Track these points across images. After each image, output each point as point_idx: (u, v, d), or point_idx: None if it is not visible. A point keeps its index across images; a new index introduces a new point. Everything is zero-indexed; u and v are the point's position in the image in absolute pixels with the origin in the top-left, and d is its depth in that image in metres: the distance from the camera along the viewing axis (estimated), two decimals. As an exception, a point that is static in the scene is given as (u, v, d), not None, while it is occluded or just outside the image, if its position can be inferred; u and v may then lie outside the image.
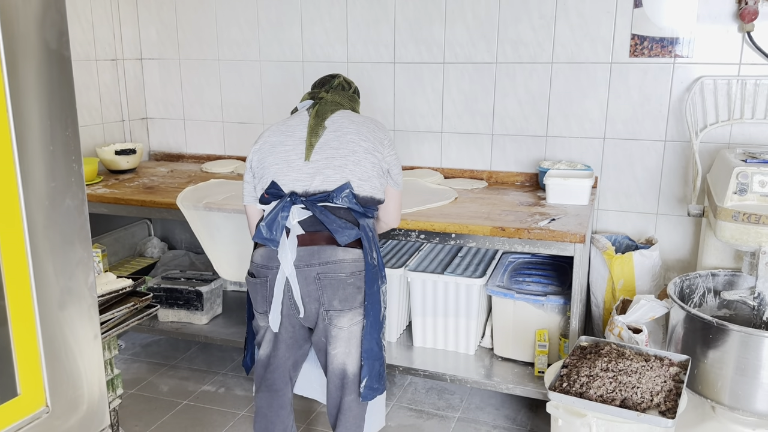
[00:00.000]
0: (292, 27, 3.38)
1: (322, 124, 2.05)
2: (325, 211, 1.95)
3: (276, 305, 2.00)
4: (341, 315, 1.98)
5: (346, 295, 1.97)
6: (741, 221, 2.20)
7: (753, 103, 2.73)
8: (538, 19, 2.95)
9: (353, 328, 2.01)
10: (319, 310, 1.98)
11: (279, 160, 2.03)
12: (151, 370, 3.21)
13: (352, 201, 1.98)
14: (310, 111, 2.11)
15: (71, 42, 3.40)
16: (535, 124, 3.07)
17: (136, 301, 1.91)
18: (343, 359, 2.03)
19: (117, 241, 3.62)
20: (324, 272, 1.94)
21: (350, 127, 2.06)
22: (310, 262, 1.94)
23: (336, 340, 2.01)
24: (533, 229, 2.41)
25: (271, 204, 2.01)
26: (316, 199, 1.96)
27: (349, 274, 1.96)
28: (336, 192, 1.96)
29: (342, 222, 1.95)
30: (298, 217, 1.96)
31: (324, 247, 1.95)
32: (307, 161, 2.01)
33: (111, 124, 3.63)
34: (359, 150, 2.03)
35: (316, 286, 1.95)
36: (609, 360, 2.07)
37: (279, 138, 2.07)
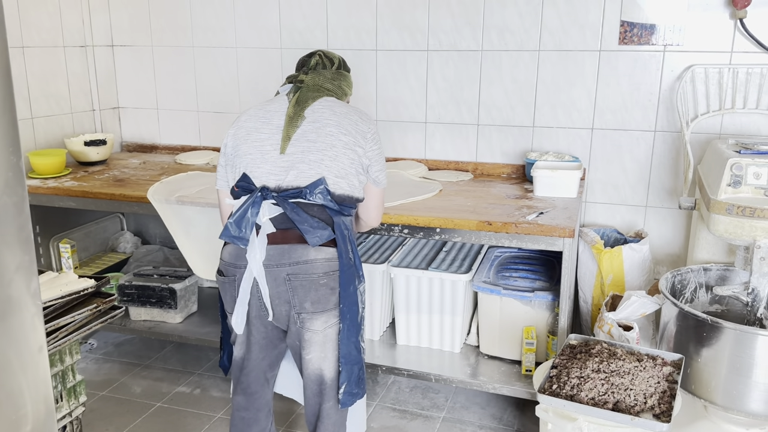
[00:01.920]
0: (269, 12, 3.25)
1: (302, 113, 1.90)
2: (297, 208, 1.82)
3: (241, 307, 1.87)
4: (314, 318, 1.85)
5: (318, 297, 1.84)
6: (735, 214, 2.12)
7: (745, 92, 2.65)
8: (524, 5, 2.85)
9: (328, 331, 1.88)
10: (290, 312, 1.86)
11: (253, 149, 1.89)
12: (124, 371, 3.09)
13: (327, 198, 1.84)
14: (290, 97, 1.96)
15: (37, 27, 3.24)
16: (521, 114, 2.97)
17: (100, 303, 1.78)
18: (319, 364, 1.91)
19: (87, 235, 3.48)
20: (294, 273, 1.81)
21: (331, 119, 1.90)
22: (280, 261, 1.82)
23: (310, 344, 1.88)
24: (521, 224, 2.32)
25: (241, 198, 1.88)
26: (288, 194, 1.83)
27: (322, 275, 1.83)
28: (309, 188, 1.82)
29: (314, 221, 1.82)
30: (269, 213, 1.82)
31: (295, 246, 1.83)
32: (282, 154, 1.87)
33: (80, 114, 3.47)
34: (338, 144, 1.87)
35: (286, 287, 1.83)
36: (600, 360, 1.98)
37: (255, 124, 1.93)
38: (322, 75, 2.03)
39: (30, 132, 3.18)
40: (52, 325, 1.67)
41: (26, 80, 3.13)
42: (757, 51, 2.61)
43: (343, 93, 2.07)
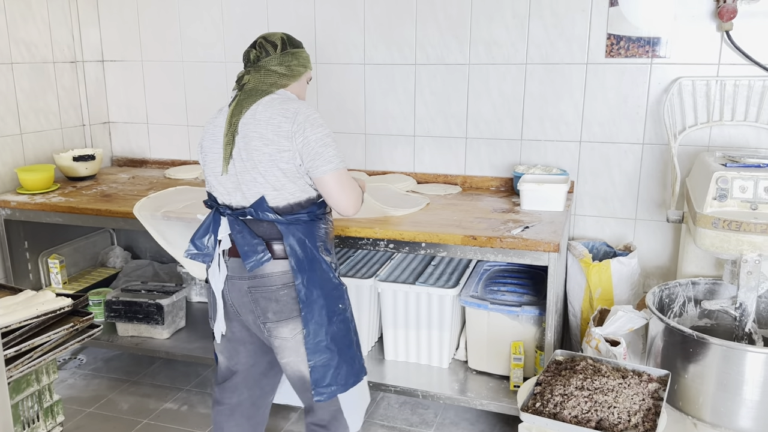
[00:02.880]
0: (257, 27, 3.25)
1: (236, 129, 1.84)
2: (244, 228, 1.85)
3: (220, 313, 1.95)
4: (279, 326, 1.90)
5: (280, 308, 1.88)
6: (721, 228, 2.11)
7: (732, 104, 2.64)
8: (511, 19, 2.84)
9: (298, 337, 1.90)
10: (256, 322, 1.92)
11: (209, 171, 1.94)
12: (112, 387, 3.06)
13: (274, 214, 1.84)
14: (230, 107, 1.89)
15: (26, 43, 3.24)
16: (509, 128, 2.97)
17: (77, 322, 1.77)
18: (297, 367, 1.95)
19: (77, 251, 3.46)
20: (255, 285, 1.88)
21: (255, 130, 1.82)
22: (241, 274, 1.89)
23: (282, 350, 1.93)
24: (506, 238, 2.30)
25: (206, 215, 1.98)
26: (238, 213, 1.87)
27: (281, 286, 1.87)
28: (254, 207, 1.85)
29: (255, 241, 1.84)
30: (228, 230, 1.88)
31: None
32: (224, 175, 1.88)
33: (70, 129, 3.47)
34: (263, 159, 1.82)
35: (249, 299, 1.89)
36: (584, 377, 1.96)
37: (208, 143, 1.94)
38: (265, 66, 1.92)
39: (19, 147, 3.18)
40: (27, 345, 1.66)
41: (15, 96, 3.13)
42: (744, 63, 2.60)
43: (297, 74, 1.97)
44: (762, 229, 2.04)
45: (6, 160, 3.11)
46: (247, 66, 1.96)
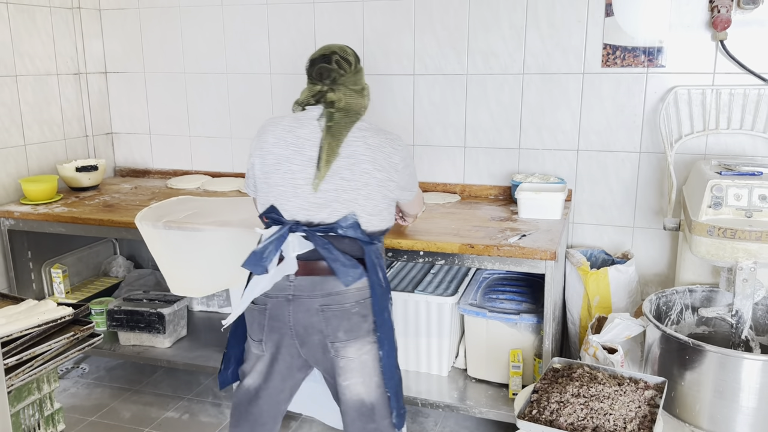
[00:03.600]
0: (258, 38, 3.29)
1: (337, 150, 1.81)
2: (329, 244, 1.80)
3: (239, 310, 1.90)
4: (347, 345, 1.87)
5: (351, 326, 1.85)
6: (716, 236, 2.12)
7: (728, 113, 2.66)
8: (508, 29, 2.88)
9: (363, 357, 1.89)
10: (323, 341, 1.87)
11: (284, 181, 1.84)
12: (114, 395, 3.08)
13: (358, 232, 1.84)
14: (322, 124, 1.86)
15: (30, 56, 3.29)
16: (507, 137, 2.99)
17: (77, 330, 1.79)
18: (357, 390, 1.90)
19: (80, 260, 3.49)
20: (327, 303, 1.82)
21: (365, 154, 1.84)
22: (312, 293, 1.83)
23: (346, 371, 1.89)
24: (503, 246, 2.32)
25: (271, 229, 1.85)
26: (318, 229, 1.82)
27: (353, 303, 1.85)
28: (340, 222, 1.81)
29: (345, 258, 1.81)
30: (299, 248, 1.81)
31: (326, 278, 1.83)
32: (315, 191, 1.82)
33: (74, 140, 3.51)
34: (372, 183, 1.84)
35: (319, 318, 1.84)
36: (581, 384, 1.97)
37: (285, 152, 1.85)
38: (346, 86, 1.92)
39: (23, 158, 3.22)
40: (28, 353, 1.68)
41: (19, 108, 3.17)
42: (739, 72, 2.62)
43: (366, 96, 2.00)
44: (757, 236, 2.06)
45: (10, 171, 3.15)
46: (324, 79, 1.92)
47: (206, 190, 3.28)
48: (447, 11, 2.94)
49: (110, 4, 3.52)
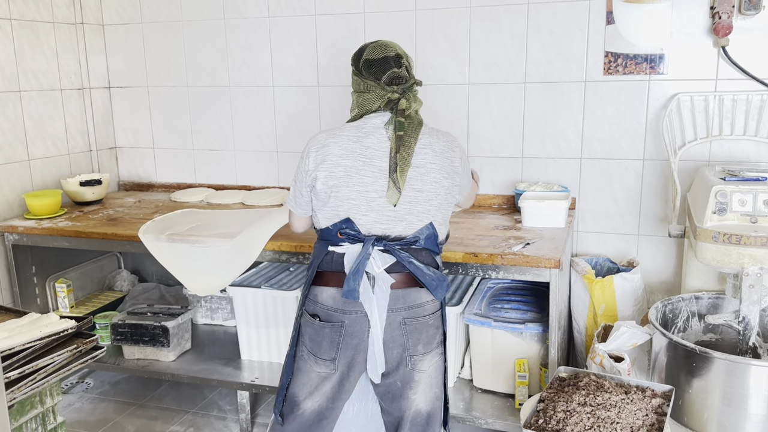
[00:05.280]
0: (261, 51, 3.31)
1: (410, 161, 1.75)
2: (411, 258, 1.77)
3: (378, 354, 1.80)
4: (423, 358, 1.85)
5: (428, 338, 1.84)
6: (721, 242, 2.11)
7: (732, 119, 2.65)
8: (509, 39, 2.88)
9: (431, 370, 1.88)
10: (402, 355, 1.83)
11: (356, 194, 1.76)
12: (119, 410, 3.07)
13: (435, 244, 1.84)
14: (389, 132, 1.78)
15: (34, 72, 3.31)
16: (510, 146, 2.99)
17: (80, 343, 1.79)
18: (421, 402, 1.88)
19: (84, 275, 3.49)
20: (410, 316, 1.80)
21: (433, 162, 1.80)
22: (395, 306, 1.79)
23: (418, 384, 1.86)
24: (507, 255, 2.31)
25: (346, 246, 1.79)
26: (397, 243, 1.78)
27: (429, 315, 1.84)
28: (420, 233, 1.80)
29: (430, 271, 1.78)
30: (382, 263, 1.76)
31: (408, 291, 1.79)
32: (392, 205, 1.77)
33: (78, 155, 3.53)
34: (441, 192, 1.82)
35: (401, 332, 1.80)
36: (587, 393, 1.95)
37: (354, 163, 1.76)
38: (412, 90, 1.86)
39: (27, 173, 3.23)
40: (31, 367, 1.68)
41: (23, 123, 3.19)
42: (742, 78, 2.61)
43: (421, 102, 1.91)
44: (762, 242, 2.05)
45: (14, 186, 3.16)
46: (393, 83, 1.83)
47: (210, 203, 3.28)
48: (448, 22, 2.95)
49: (113, 19, 3.55)
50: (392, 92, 1.81)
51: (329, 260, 1.81)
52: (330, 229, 1.80)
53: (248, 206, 3.17)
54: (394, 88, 1.82)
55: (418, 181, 1.78)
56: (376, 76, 1.84)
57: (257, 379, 2.84)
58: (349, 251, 1.78)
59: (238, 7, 3.30)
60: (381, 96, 1.82)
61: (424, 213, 1.80)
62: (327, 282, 1.82)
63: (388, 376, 1.85)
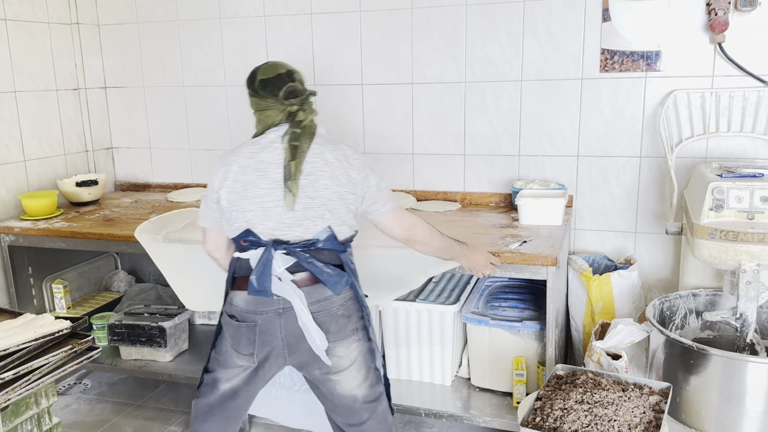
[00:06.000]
0: (257, 51, 3.30)
1: (300, 167, 1.87)
2: (311, 259, 1.89)
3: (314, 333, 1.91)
4: (337, 345, 1.95)
5: (338, 327, 1.95)
6: (718, 239, 2.10)
7: (728, 115, 2.65)
8: (505, 36, 2.88)
9: (352, 354, 1.98)
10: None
11: (254, 205, 1.88)
12: (117, 411, 3.06)
13: (335, 244, 1.93)
14: (284, 143, 1.89)
15: (30, 72, 3.30)
16: (507, 144, 2.98)
17: (75, 344, 1.78)
18: (349, 385, 1.99)
19: (81, 275, 3.49)
20: (318, 310, 1.92)
21: (324, 170, 1.90)
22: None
23: (337, 369, 1.97)
24: (503, 253, 2.30)
25: (249, 251, 1.91)
26: (298, 246, 1.89)
27: (339, 306, 1.95)
28: (319, 236, 1.90)
29: (329, 269, 1.91)
30: (284, 264, 1.88)
31: (315, 287, 1.92)
32: (289, 210, 1.87)
33: (74, 155, 3.52)
34: (334, 198, 1.91)
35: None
36: (584, 391, 1.95)
37: (251, 178, 1.88)
38: (310, 103, 1.96)
39: (23, 174, 3.22)
40: (26, 367, 1.67)
41: (19, 124, 3.18)
42: (738, 74, 2.61)
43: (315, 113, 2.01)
44: (759, 238, 2.04)
45: (10, 187, 3.15)
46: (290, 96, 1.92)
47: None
48: (444, 20, 2.95)
49: (109, 19, 3.54)
50: (290, 105, 1.92)
51: (240, 266, 1.94)
52: (236, 239, 1.93)
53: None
54: (292, 101, 1.92)
55: (310, 188, 1.88)
56: (273, 92, 1.92)
57: (255, 379, 2.83)
58: (252, 256, 1.90)
59: (233, 6, 3.29)
60: (281, 110, 1.93)
61: (319, 218, 1.89)
62: (240, 286, 1.94)
63: (307, 367, 1.99)
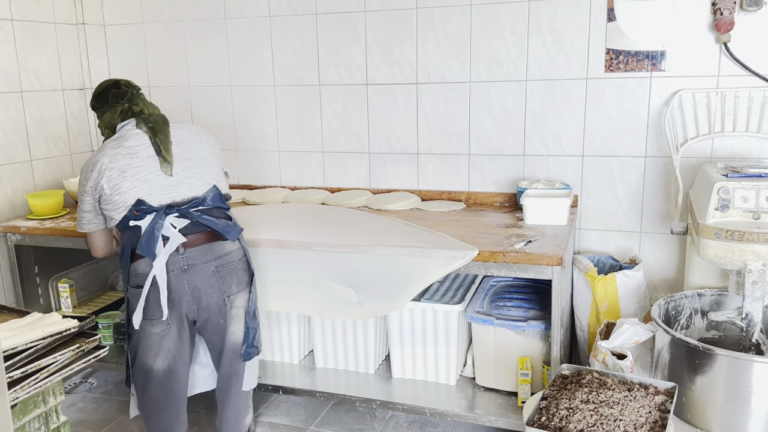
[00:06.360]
0: (262, 51, 3.31)
1: (168, 139, 2.20)
2: (203, 215, 2.17)
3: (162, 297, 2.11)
4: (238, 296, 2.24)
5: (239, 279, 2.24)
6: (724, 239, 2.10)
7: (734, 115, 2.64)
8: (510, 36, 2.88)
9: (244, 305, 2.27)
10: (221, 297, 2.21)
11: (136, 181, 2.12)
12: (122, 410, 3.07)
13: (221, 201, 2.23)
14: (143, 129, 2.20)
15: (36, 72, 3.32)
16: (511, 143, 2.98)
17: (82, 343, 1.79)
18: (241, 332, 2.28)
19: (87, 275, 3.50)
20: (221, 264, 2.19)
21: (191, 137, 2.26)
22: (206, 259, 2.17)
23: (234, 319, 2.25)
24: (508, 252, 2.31)
25: (145, 218, 2.12)
26: (189, 206, 2.15)
27: (237, 261, 2.25)
28: (207, 195, 2.20)
29: (222, 222, 2.20)
30: (178, 225, 2.13)
31: (213, 244, 2.19)
32: (170, 176, 2.16)
33: (80, 155, 3.53)
34: (208, 156, 2.27)
35: (216, 278, 2.19)
36: (590, 390, 1.95)
37: (124, 161, 2.13)
38: (143, 99, 2.31)
39: (29, 174, 3.24)
40: (34, 366, 1.68)
41: (25, 124, 3.20)
42: (744, 74, 2.61)
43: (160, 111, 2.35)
44: (765, 238, 2.04)
45: (16, 187, 3.17)
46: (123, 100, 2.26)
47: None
48: (449, 20, 2.95)
49: (114, 19, 3.55)
50: (121, 105, 2.25)
51: (136, 238, 2.12)
52: (126, 217, 2.13)
53: (251, 203, 3.17)
54: (121, 101, 2.26)
55: (184, 152, 2.21)
56: (105, 100, 2.28)
57: (260, 377, 2.84)
58: (144, 221, 2.12)
59: (238, 7, 3.30)
60: (114, 110, 2.25)
61: (200, 174, 2.21)
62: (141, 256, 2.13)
63: (213, 318, 2.22)
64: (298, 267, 2.55)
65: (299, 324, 2.96)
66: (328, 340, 2.90)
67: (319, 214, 2.91)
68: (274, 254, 2.55)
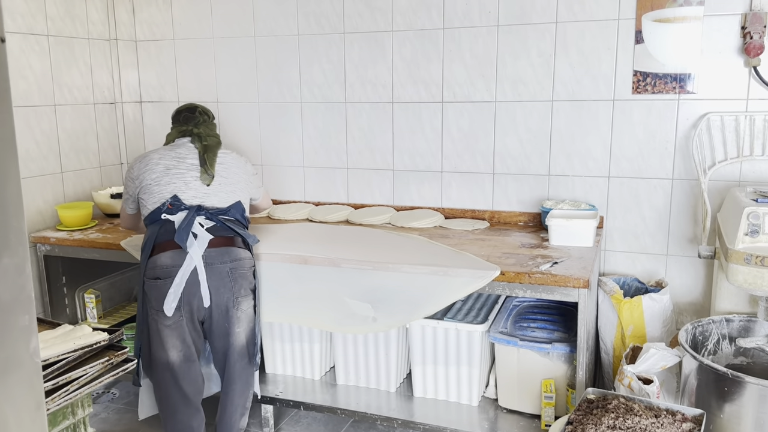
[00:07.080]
0: (290, 68, 3.35)
1: (215, 158, 2.52)
2: (227, 221, 2.44)
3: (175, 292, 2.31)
4: (244, 300, 2.44)
5: (247, 284, 2.45)
6: (754, 264, 2.08)
7: (763, 139, 2.62)
8: (536, 57, 2.89)
9: (248, 310, 2.47)
10: (230, 297, 2.40)
11: (176, 180, 2.44)
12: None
13: (241, 215, 2.52)
14: (196, 145, 2.54)
15: (69, 86, 3.39)
16: (536, 163, 2.98)
17: (112, 356, 1.81)
18: (243, 336, 2.46)
19: (113, 286, 3.54)
20: (235, 267, 2.41)
21: (232, 163, 2.59)
22: (222, 260, 2.38)
23: (239, 321, 2.44)
24: (534, 273, 2.30)
25: (177, 215, 2.39)
26: (215, 212, 2.43)
27: (248, 269, 2.47)
28: (231, 207, 2.48)
29: (242, 230, 2.48)
30: (205, 224, 2.39)
31: (231, 249, 2.42)
32: (206, 185, 2.46)
33: (109, 168, 3.59)
34: (242, 180, 2.59)
35: (229, 279, 2.39)
36: (617, 416, 1.93)
37: (171, 162, 2.47)
38: (208, 126, 2.63)
39: (60, 186, 3.30)
40: (65, 378, 1.70)
41: (57, 136, 3.26)
42: (774, 98, 2.59)
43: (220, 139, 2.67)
44: (796, 265, 2.01)
45: (47, 198, 3.23)
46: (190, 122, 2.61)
47: (237, 217, 3.32)
48: (476, 40, 2.97)
49: (146, 35, 3.63)
50: (186, 126, 2.60)
51: (163, 231, 2.37)
52: (159, 209, 2.40)
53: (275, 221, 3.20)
54: (187, 124, 2.61)
55: (224, 172, 2.53)
56: (177, 118, 2.67)
57: (281, 393, 2.85)
58: (177, 217, 2.39)
59: (268, 26, 3.35)
60: (178, 129, 2.62)
61: (231, 192, 2.52)
62: (164, 248, 2.35)
63: (220, 318, 2.40)
64: (321, 282, 2.57)
65: (321, 340, 2.97)
66: (349, 356, 2.90)
67: (342, 234, 2.93)
68: (298, 270, 2.57)
